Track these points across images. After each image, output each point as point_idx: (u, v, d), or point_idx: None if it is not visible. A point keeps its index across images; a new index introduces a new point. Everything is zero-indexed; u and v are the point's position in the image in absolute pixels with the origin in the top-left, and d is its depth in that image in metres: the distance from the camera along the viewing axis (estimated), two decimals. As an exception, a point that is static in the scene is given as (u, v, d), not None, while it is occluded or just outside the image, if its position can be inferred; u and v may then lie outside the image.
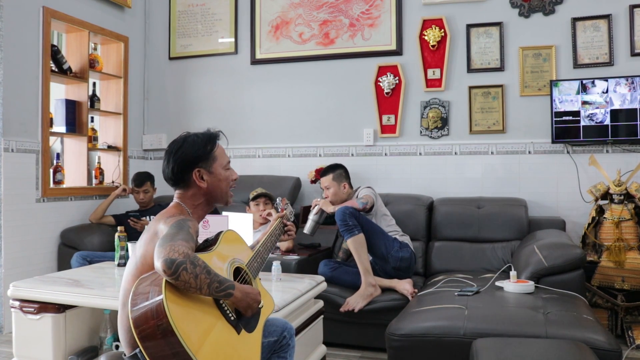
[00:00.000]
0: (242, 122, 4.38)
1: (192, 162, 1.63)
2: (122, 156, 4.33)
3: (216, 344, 1.38)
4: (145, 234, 1.56)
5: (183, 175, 1.64)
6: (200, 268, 1.34)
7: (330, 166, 3.47)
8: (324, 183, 3.41)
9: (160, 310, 1.29)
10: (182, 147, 1.64)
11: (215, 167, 1.67)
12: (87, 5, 4.05)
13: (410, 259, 3.14)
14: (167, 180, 1.68)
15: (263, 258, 1.81)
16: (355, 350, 3.03)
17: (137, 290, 1.37)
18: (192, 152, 1.63)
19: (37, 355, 2.26)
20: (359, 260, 3.00)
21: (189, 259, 1.33)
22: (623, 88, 3.41)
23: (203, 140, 1.66)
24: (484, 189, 3.80)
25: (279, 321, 1.85)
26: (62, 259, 3.71)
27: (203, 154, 1.64)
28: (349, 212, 3.04)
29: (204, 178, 1.65)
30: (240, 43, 4.42)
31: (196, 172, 1.64)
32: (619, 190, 3.20)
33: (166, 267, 1.30)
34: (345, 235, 3.04)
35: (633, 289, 3.08)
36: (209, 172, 1.65)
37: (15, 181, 3.47)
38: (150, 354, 1.30)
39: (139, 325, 1.31)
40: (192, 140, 1.66)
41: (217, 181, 1.67)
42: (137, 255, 1.53)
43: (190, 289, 1.34)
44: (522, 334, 2.02)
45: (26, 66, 3.56)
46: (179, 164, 1.63)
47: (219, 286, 1.38)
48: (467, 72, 3.86)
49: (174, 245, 1.34)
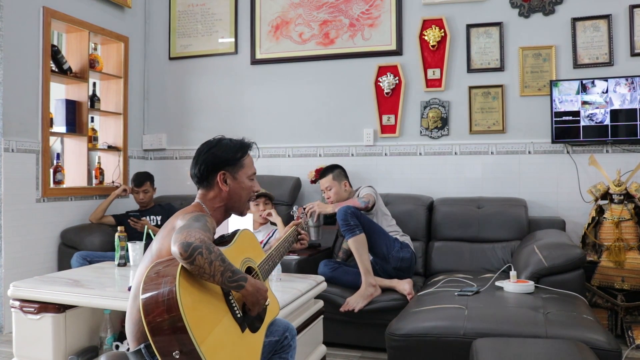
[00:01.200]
0: (242, 122, 4.38)
1: (220, 164, 1.67)
2: (122, 156, 4.33)
3: (220, 338, 1.39)
4: (162, 230, 1.58)
5: (208, 175, 1.68)
6: (215, 255, 1.35)
7: (328, 167, 3.47)
8: (324, 184, 3.40)
9: (171, 295, 1.30)
10: (215, 148, 1.69)
11: (241, 175, 1.71)
12: (87, 5, 4.05)
13: (411, 259, 3.14)
14: (192, 177, 1.72)
15: (274, 262, 1.84)
16: (355, 350, 3.03)
17: (151, 273, 1.38)
18: (222, 155, 1.68)
19: (37, 355, 2.26)
20: (360, 260, 2.99)
21: (205, 244, 1.35)
22: (623, 88, 3.41)
23: (236, 146, 1.71)
24: (484, 189, 3.80)
25: (281, 322, 1.86)
26: (62, 259, 3.71)
27: (232, 159, 1.69)
28: (351, 212, 3.03)
29: (227, 182, 1.68)
30: (240, 43, 4.42)
31: (221, 175, 1.67)
32: (618, 190, 3.20)
33: (183, 249, 1.32)
34: (346, 235, 3.04)
35: (633, 289, 3.09)
36: (233, 178, 1.69)
37: (15, 181, 3.47)
38: (156, 341, 1.30)
39: (149, 304, 1.31)
40: (226, 143, 1.71)
41: (239, 188, 1.70)
42: (153, 250, 1.55)
43: (204, 275, 1.35)
44: (522, 334, 2.02)
45: (26, 66, 3.56)
46: (207, 164, 1.67)
47: (232, 276, 1.39)
48: (467, 72, 3.86)
49: (191, 231, 1.37)
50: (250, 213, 3.30)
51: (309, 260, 3.27)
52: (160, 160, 4.64)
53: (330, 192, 3.35)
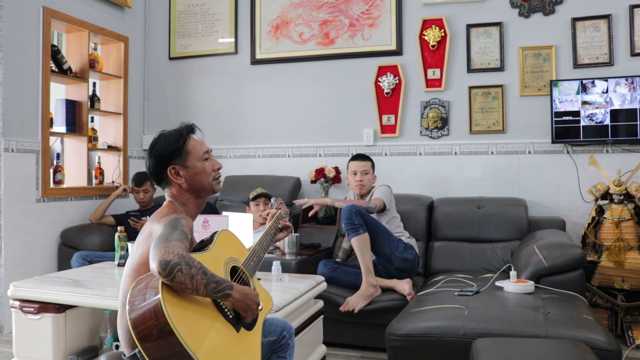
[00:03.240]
0: (242, 122, 4.38)
1: (166, 159, 1.63)
2: (122, 156, 4.33)
3: (216, 342, 1.38)
4: (141, 235, 1.56)
5: (161, 174, 1.64)
6: (195, 269, 1.33)
7: (365, 155, 3.44)
8: (362, 167, 3.34)
9: (158, 310, 1.28)
10: (156, 145, 1.64)
11: (190, 161, 1.64)
12: (87, 5, 4.05)
13: (414, 260, 3.14)
14: (151, 180, 1.68)
15: (259, 257, 1.79)
16: (355, 350, 3.03)
17: (134, 292, 1.37)
18: (164, 149, 1.62)
19: (37, 355, 2.26)
20: (362, 259, 2.98)
21: (184, 259, 1.32)
22: (623, 88, 3.41)
23: (174, 136, 1.65)
24: (484, 189, 3.80)
25: (278, 321, 1.85)
26: (62, 259, 3.71)
27: (175, 150, 1.63)
28: (356, 211, 3.02)
29: (180, 174, 1.63)
30: (240, 43, 4.42)
31: (171, 170, 1.63)
32: (618, 190, 3.20)
33: (161, 268, 1.30)
34: (349, 234, 3.03)
35: (633, 289, 3.09)
36: (184, 167, 1.64)
37: (15, 181, 3.47)
38: (150, 354, 1.29)
39: (137, 326, 1.30)
40: (165, 137, 1.65)
41: (194, 175, 1.64)
42: (134, 256, 1.53)
43: (187, 290, 1.33)
44: (522, 334, 2.02)
45: (26, 66, 3.56)
46: (155, 162, 1.63)
47: (217, 287, 1.37)
48: (467, 72, 3.86)
49: (169, 247, 1.34)
50: (250, 213, 3.30)
51: (309, 260, 3.27)
52: (160, 160, 4.63)
53: (366, 177, 3.33)
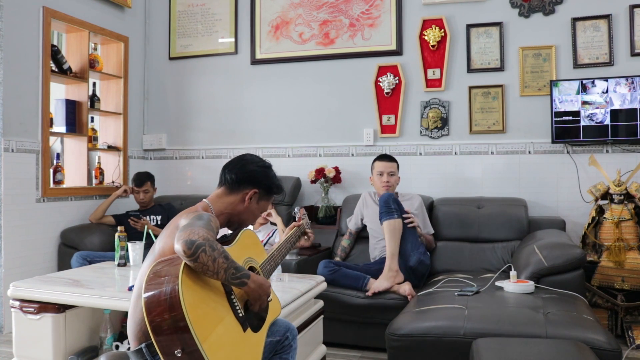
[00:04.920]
0: (242, 122, 4.38)
1: (259, 184, 1.76)
2: (122, 156, 4.33)
3: (222, 336, 1.39)
4: (166, 229, 1.58)
5: (245, 184, 1.74)
6: (218, 252, 1.36)
7: (391, 156, 3.46)
8: (390, 168, 3.36)
9: (174, 294, 1.30)
10: (266, 169, 1.79)
11: (262, 204, 1.80)
12: (87, 5, 4.05)
13: (428, 267, 3.21)
14: (226, 175, 1.76)
15: (276, 262, 1.85)
16: (355, 350, 3.03)
17: (153, 272, 1.38)
18: (266, 180, 1.78)
19: (37, 355, 2.26)
20: (390, 243, 3.03)
21: (208, 242, 1.36)
22: (623, 88, 3.41)
23: (277, 182, 1.83)
24: (484, 189, 3.80)
25: (282, 322, 1.86)
26: (62, 259, 3.71)
27: (269, 188, 1.79)
28: (394, 199, 3.11)
29: (250, 200, 1.74)
30: (240, 43, 4.42)
31: (254, 192, 1.74)
32: (619, 190, 3.20)
33: (186, 247, 1.32)
34: (383, 217, 3.07)
35: (633, 289, 3.09)
36: (257, 201, 1.77)
37: (15, 181, 3.47)
38: (158, 340, 1.29)
39: (151, 303, 1.31)
40: (273, 174, 1.82)
41: (254, 210, 1.78)
42: (156, 249, 1.55)
43: (208, 272, 1.36)
44: (522, 334, 2.02)
45: (26, 66, 3.56)
46: (253, 176, 1.75)
47: (235, 272, 1.40)
48: (467, 72, 3.86)
49: (194, 229, 1.38)
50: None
51: (309, 260, 3.27)
52: (160, 160, 4.64)
53: (392, 178, 3.37)
